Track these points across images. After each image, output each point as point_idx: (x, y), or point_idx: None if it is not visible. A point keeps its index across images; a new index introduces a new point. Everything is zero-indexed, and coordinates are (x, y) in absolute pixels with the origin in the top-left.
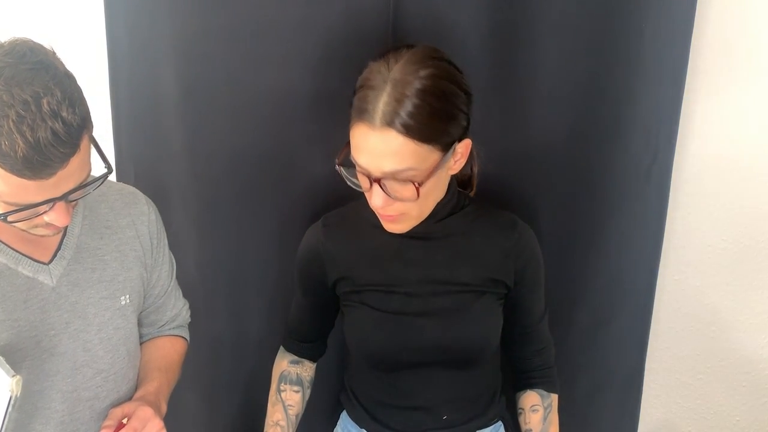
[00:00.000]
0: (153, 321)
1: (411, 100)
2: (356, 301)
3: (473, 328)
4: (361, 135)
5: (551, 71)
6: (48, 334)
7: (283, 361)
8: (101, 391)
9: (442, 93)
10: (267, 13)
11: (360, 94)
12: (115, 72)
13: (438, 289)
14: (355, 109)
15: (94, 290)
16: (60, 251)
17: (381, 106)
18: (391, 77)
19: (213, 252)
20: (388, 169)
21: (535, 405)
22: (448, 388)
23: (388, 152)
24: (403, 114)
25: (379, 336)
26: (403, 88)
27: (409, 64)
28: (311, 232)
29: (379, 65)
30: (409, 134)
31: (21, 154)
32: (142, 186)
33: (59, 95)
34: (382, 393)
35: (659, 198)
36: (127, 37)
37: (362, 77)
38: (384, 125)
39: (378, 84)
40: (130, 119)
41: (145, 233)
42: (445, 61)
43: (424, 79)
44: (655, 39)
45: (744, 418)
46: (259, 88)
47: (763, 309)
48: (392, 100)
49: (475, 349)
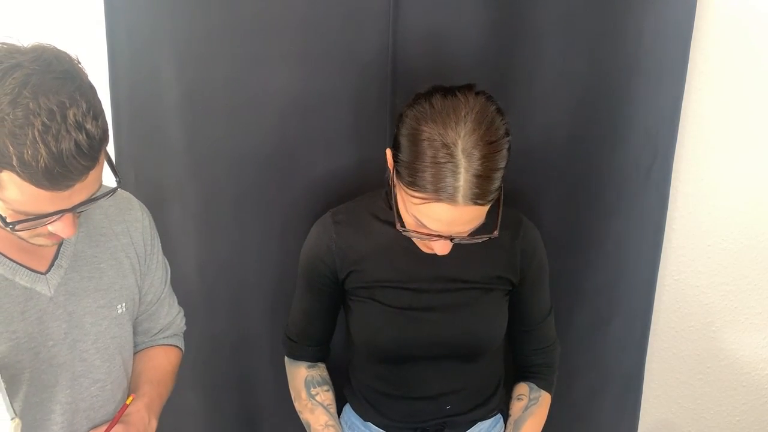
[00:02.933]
0: (146, 329)
1: (492, 173)
2: (365, 297)
3: (480, 323)
4: (438, 211)
5: (551, 71)
6: (46, 345)
7: (301, 369)
8: (97, 400)
9: (507, 148)
10: (267, 13)
11: (428, 170)
12: (115, 72)
13: (447, 285)
14: (423, 184)
15: (91, 299)
16: (57, 260)
17: (462, 187)
18: (462, 152)
19: (213, 252)
20: (464, 231)
21: (521, 394)
22: (453, 379)
23: (468, 220)
24: (487, 188)
25: (389, 332)
26: (481, 164)
27: (475, 133)
28: (320, 228)
29: (440, 134)
30: (491, 200)
31: (43, 164)
32: (142, 186)
33: (84, 107)
34: (387, 385)
35: (659, 198)
36: (127, 37)
37: (421, 150)
38: (467, 203)
39: (448, 159)
40: (130, 119)
41: (139, 240)
42: (495, 104)
43: (495, 145)
44: (655, 39)
45: (744, 418)
46: (259, 88)
47: (762, 309)
48: (472, 177)
49: (482, 343)
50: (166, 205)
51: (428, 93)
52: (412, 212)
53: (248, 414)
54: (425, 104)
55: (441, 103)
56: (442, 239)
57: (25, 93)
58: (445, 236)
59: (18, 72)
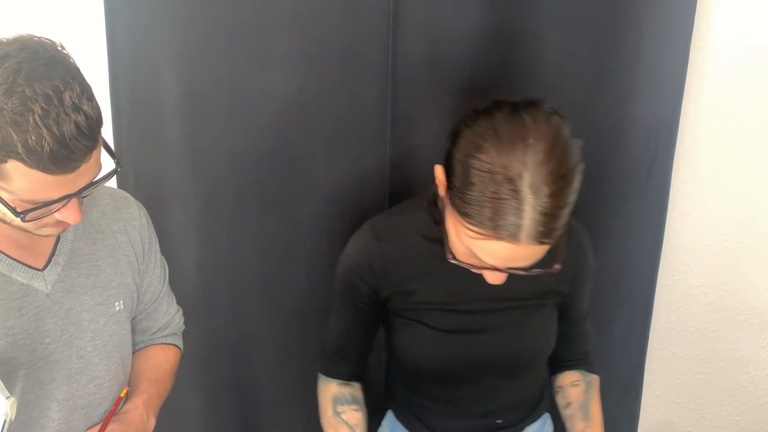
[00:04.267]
0: (145, 328)
1: (561, 210)
2: (411, 318)
3: (531, 341)
4: (497, 248)
5: (551, 72)
6: (43, 342)
7: (331, 385)
8: (95, 398)
9: (579, 180)
10: (267, 13)
11: (487, 205)
12: (115, 72)
13: (497, 305)
14: (481, 219)
15: (89, 296)
16: (54, 257)
17: (526, 226)
18: (529, 187)
19: (212, 252)
20: (523, 266)
21: (576, 380)
22: (503, 395)
23: (529, 257)
24: (554, 226)
25: (437, 355)
26: (550, 200)
27: (545, 165)
28: (360, 246)
29: (503, 165)
30: (557, 238)
31: (48, 148)
32: (142, 186)
33: (78, 89)
34: (434, 402)
35: (659, 198)
36: (127, 37)
37: (480, 182)
38: (530, 242)
39: (512, 196)
40: (130, 119)
41: (137, 238)
42: (569, 127)
43: (567, 178)
44: (655, 39)
45: (744, 418)
46: (259, 88)
47: (762, 309)
48: (538, 215)
49: (532, 360)
50: (166, 204)
51: (489, 110)
52: (466, 243)
53: (247, 414)
54: (486, 126)
55: (506, 128)
56: (496, 271)
57: (19, 81)
58: (501, 269)
59: (8, 62)
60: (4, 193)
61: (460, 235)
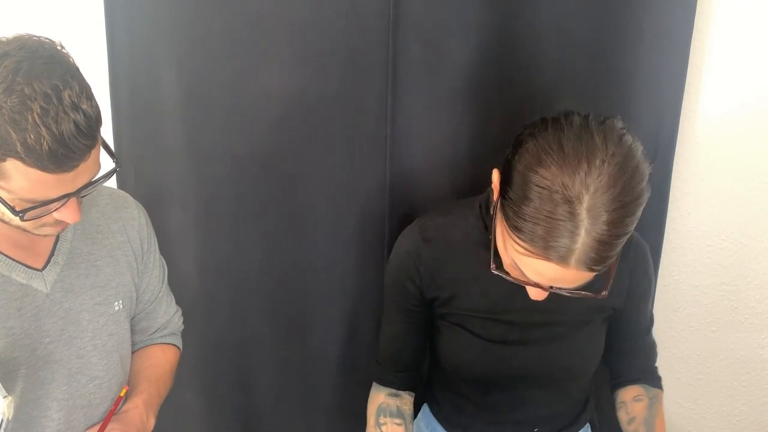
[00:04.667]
0: (144, 328)
1: (618, 239)
2: (455, 323)
3: (575, 358)
4: (544, 268)
5: (551, 71)
6: (43, 342)
7: (380, 395)
8: (95, 398)
9: (642, 209)
10: (267, 13)
11: (540, 223)
12: (115, 72)
13: (542, 318)
14: (532, 237)
15: (88, 296)
16: (53, 257)
17: (578, 250)
18: (588, 211)
19: (213, 252)
20: (568, 288)
21: (639, 395)
22: (542, 406)
23: (575, 281)
24: (607, 254)
25: (478, 363)
26: (608, 228)
27: (609, 191)
28: (408, 245)
29: (563, 184)
30: (607, 266)
31: (47, 147)
32: (142, 186)
33: (77, 88)
34: (472, 405)
35: (659, 198)
36: (127, 37)
37: (537, 198)
38: (580, 267)
39: (568, 218)
40: (130, 119)
41: (136, 238)
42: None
43: (631, 206)
44: (655, 39)
45: (744, 418)
46: (259, 89)
47: (763, 309)
48: (593, 241)
49: (575, 376)
50: (166, 205)
51: (557, 122)
52: (512, 256)
53: (248, 414)
54: (552, 139)
55: (573, 144)
56: (539, 288)
57: (18, 80)
58: (544, 288)
59: (7, 60)
60: (3, 192)
61: (507, 246)
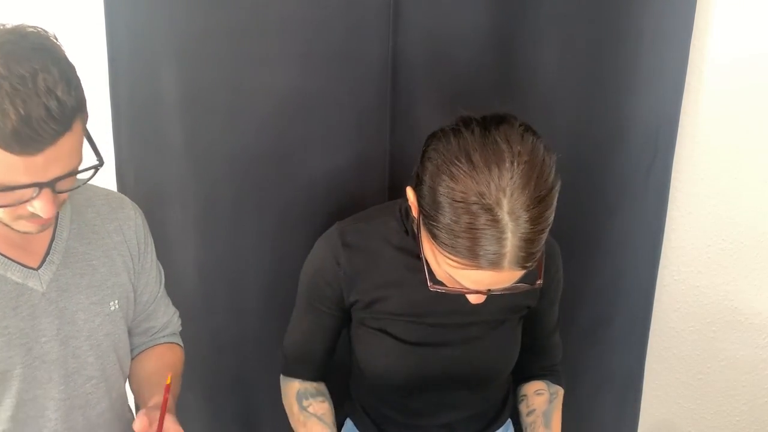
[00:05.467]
0: (145, 329)
1: (542, 234)
2: (375, 328)
3: (496, 355)
4: (478, 276)
5: (551, 71)
6: (39, 342)
7: (293, 383)
8: (92, 398)
9: (555, 198)
10: (267, 12)
11: (464, 236)
12: (115, 72)
13: (463, 319)
14: (460, 250)
15: (84, 295)
16: (49, 256)
17: (509, 253)
18: (509, 215)
19: (213, 252)
20: (505, 287)
21: (540, 389)
22: (465, 407)
23: (511, 280)
24: (536, 249)
25: (399, 367)
26: (530, 226)
27: (525, 190)
28: (327, 250)
29: (479, 194)
30: (538, 259)
31: (10, 125)
32: (142, 186)
33: (56, 74)
34: (394, 411)
35: (659, 198)
36: (127, 37)
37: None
38: (513, 268)
39: (491, 226)
40: (129, 119)
41: (133, 238)
42: (542, 142)
43: (548, 199)
44: (655, 39)
45: (744, 418)
46: (259, 88)
47: (762, 309)
48: (520, 242)
49: (496, 374)
50: (166, 204)
51: (457, 131)
52: (446, 270)
53: (247, 414)
54: (456, 150)
55: (479, 152)
56: (479, 294)
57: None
58: (483, 291)
59: None
60: None
61: (438, 261)
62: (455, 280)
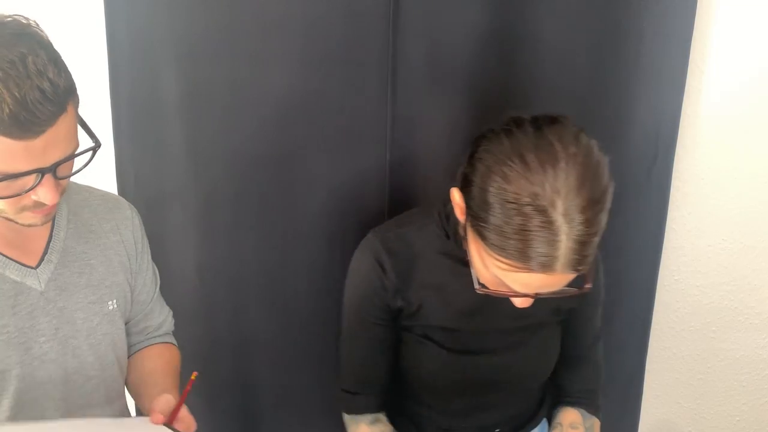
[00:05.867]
0: (142, 328)
1: (596, 235)
2: (420, 335)
3: (536, 360)
4: (529, 279)
5: (551, 72)
6: (38, 341)
7: (360, 426)
8: (93, 397)
9: (608, 200)
10: (267, 13)
11: (516, 237)
12: (115, 72)
13: (507, 325)
14: (511, 252)
15: (82, 295)
16: (47, 255)
17: (561, 256)
18: (564, 216)
19: (213, 252)
20: (553, 290)
21: (575, 422)
22: (502, 409)
23: (562, 283)
24: (590, 252)
25: (442, 372)
26: (585, 227)
27: (580, 192)
28: (369, 258)
29: (533, 195)
30: (591, 262)
31: (8, 110)
32: (142, 187)
33: (45, 57)
34: (433, 412)
35: (659, 198)
36: (127, 37)
37: (506, 213)
38: (565, 271)
39: (545, 227)
40: (130, 121)
41: (130, 238)
42: (596, 148)
43: (602, 201)
44: (655, 39)
45: (744, 418)
46: (259, 88)
47: (762, 309)
48: (574, 244)
49: (537, 379)
50: (166, 205)
51: (509, 131)
52: (495, 273)
53: (247, 414)
54: (509, 151)
55: (533, 153)
56: (526, 297)
57: None
58: (530, 295)
59: None
60: None
61: (487, 264)
62: (503, 283)
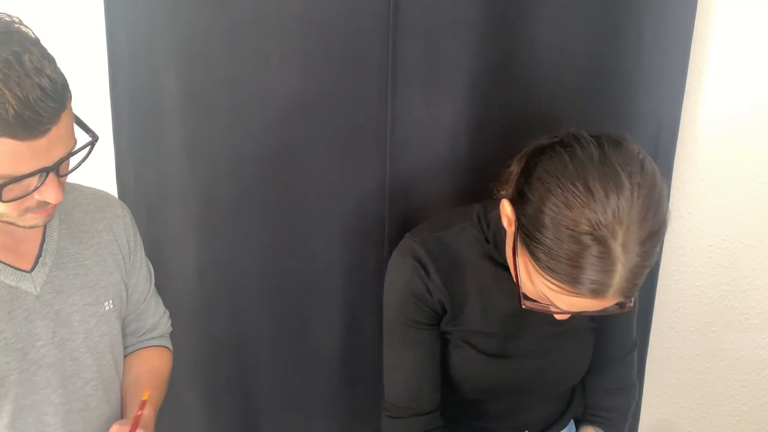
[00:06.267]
0: (134, 330)
1: (650, 264)
2: (458, 339)
3: (572, 365)
4: (578, 302)
5: (551, 71)
6: (35, 346)
7: None
8: (92, 400)
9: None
10: (267, 13)
11: (570, 263)
12: (115, 72)
13: (541, 329)
14: (564, 275)
15: (78, 296)
16: (41, 258)
17: (615, 284)
18: (622, 247)
19: (213, 252)
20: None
21: None
22: (534, 410)
23: (607, 305)
24: (641, 280)
25: (479, 377)
26: (642, 258)
27: (643, 225)
28: (411, 262)
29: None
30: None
31: (13, 111)
32: (142, 187)
33: (38, 53)
34: (465, 414)
35: None
36: (127, 37)
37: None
38: (615, 298)
39: (602, 256)
40: (130, 120)
41: (122, 236)
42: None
43: (661, 232)
44: (655, 39)
45: (744, 418)
46: (259, 88)
47: (762, 309)
48: (628, 273)
49: (569, 383)
50: (166, 205)
51: (571, 149)
52: (543, 291)
53: (248, 414)
54: (571, 173)
55: (598, 181)
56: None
57: None
58: (574, 313)
59: None
60: None
61: (534, 281)
62: (548, 299)
